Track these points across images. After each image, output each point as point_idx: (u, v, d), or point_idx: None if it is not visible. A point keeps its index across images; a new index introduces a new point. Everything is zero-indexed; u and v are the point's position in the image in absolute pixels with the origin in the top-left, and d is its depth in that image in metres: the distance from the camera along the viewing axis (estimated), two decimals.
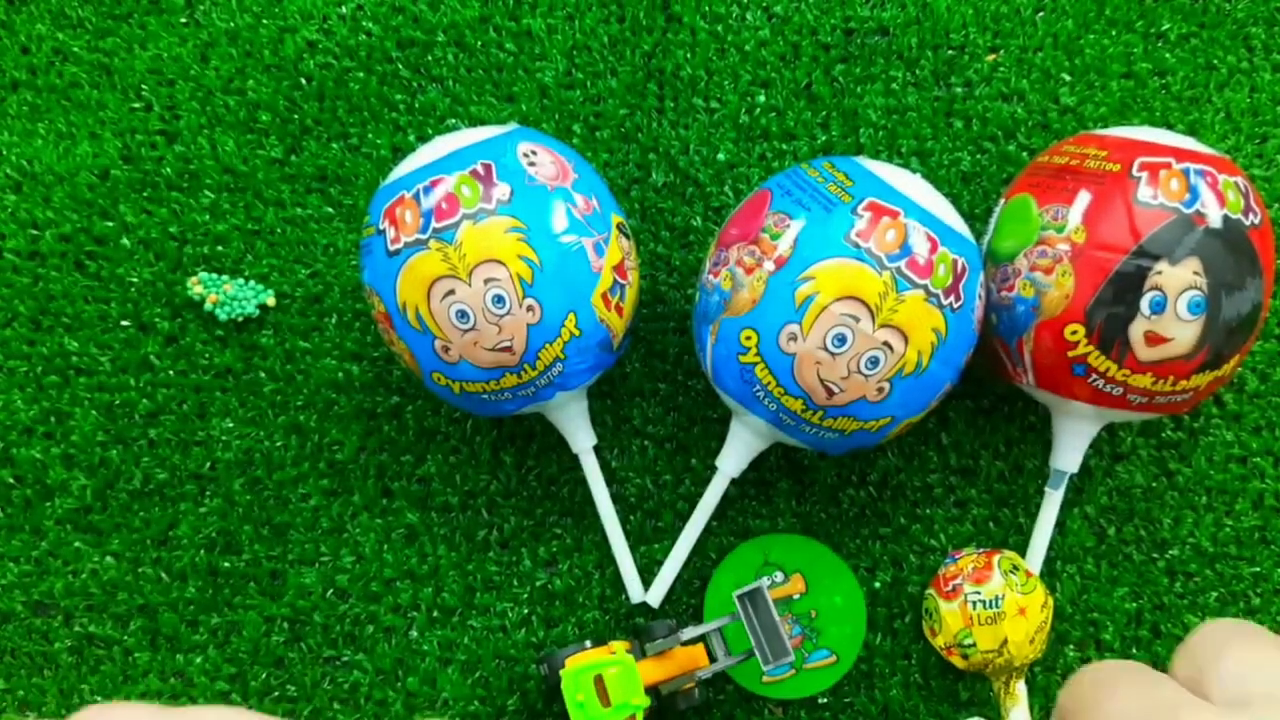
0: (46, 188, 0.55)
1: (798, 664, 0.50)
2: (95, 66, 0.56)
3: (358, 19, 0.56)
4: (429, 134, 0.55)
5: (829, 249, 0.41)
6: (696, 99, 0.56)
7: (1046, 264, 0.43)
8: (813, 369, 0.42)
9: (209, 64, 0.56)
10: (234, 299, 0.53)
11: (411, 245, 0.42)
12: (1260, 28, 0.56)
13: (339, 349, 0.54)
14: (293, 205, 0.55)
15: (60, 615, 0.52)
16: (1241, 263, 0.42)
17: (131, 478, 0.53)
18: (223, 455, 0.53)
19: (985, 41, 0.56)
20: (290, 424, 0.53)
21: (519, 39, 0.56)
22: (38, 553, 0.52)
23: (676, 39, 0.56)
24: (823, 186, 0.43)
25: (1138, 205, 0.42)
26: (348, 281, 0.54)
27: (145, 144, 0.55)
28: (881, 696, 0.51)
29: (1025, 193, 0.46)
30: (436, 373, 0.44)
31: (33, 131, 0.56)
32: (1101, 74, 0.56)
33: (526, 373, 0.44)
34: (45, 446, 0.53)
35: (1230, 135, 0.55)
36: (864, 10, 0.56)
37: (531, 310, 0.42)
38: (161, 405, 0.53)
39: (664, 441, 0.53)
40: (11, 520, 0.52)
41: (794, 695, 0.50)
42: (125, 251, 0.54)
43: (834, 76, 0.56)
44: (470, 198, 0.42)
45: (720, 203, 0.55)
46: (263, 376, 0.53)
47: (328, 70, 0.56)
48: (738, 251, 0.44)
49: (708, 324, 0.45)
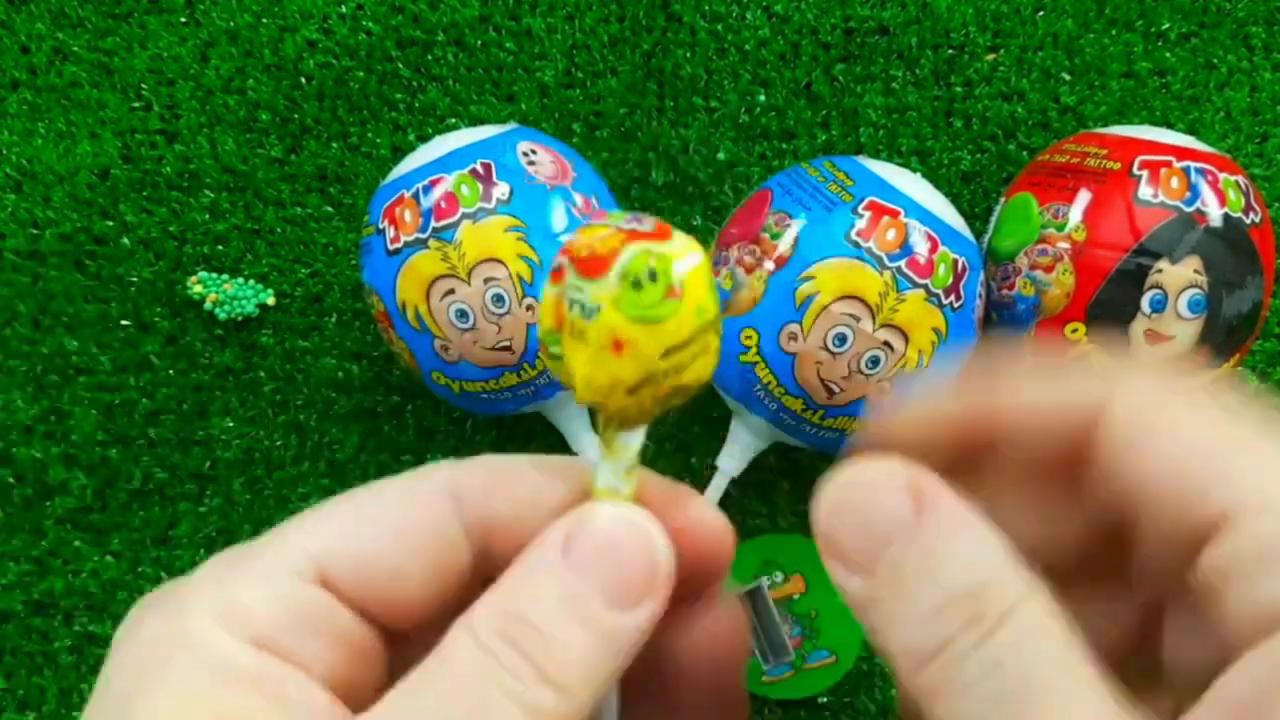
0: (46, 187, 0.55)
1: (798, 664, 0.50)
2: (95, 66, 0.56)
3: (358, 18, 0.56)
4: (429, 134, 0.55)
5: (829, 248, 0.41)
6: (696, 98, 0.56)
7: (1047, 262, 0.43)
8: (813, 368, 0.42)
9: (209, 63, 0.56)
10: (234, 298, 0.53)
11: (411, 244, 0.42)
12: (1260, 27, 0.56)
13: (339, 348, 0.54)
14: (292, 205, 0.55)
15: (60, 615, 0.52)
16: (1242, 261, 0.42)
17: (131, 477, 0.53)
18: (223, 454, 0.53)
19: (985, 41, 0.56)
20: (290, 423, 0.53)
21: (519, 38, 0.56)
22: (38, 552, 0.52)
23: (676, 38, 0.56)
24: (823, 186, 0.43)
25: (1138, 204, 0.42)
26: (348, 281, 0.54)
27: (145, 144, 0.55)
28: (881, 696, 0.51)
29: (1026, 191, 0.46)
30: (436, 372, 0.44)
31: (32, 131, 0.56)
32: (1101, 73, 0.56)
33: (526, 372, 0.44)
34: (45, 446, 0.53)
35: (1230, 134, 0.55)
36: (864, 10, 0.56)
37: (531, 309, 0.42)
38: (161, 404, 0.53)
39: (664, 441, 0.53)
40: (11, 520, 0.52)
41: (794, 695, 0.50)
42: (125, 251, 0.54)
43: (834, 76, 0.56)
44: (470, 197, 0.42)
45: (720, 202, 0.55)
46: (263, 376, 0.53)
47: (328, 70, 0.56)
48: (738, 251, 0.44)
49: None
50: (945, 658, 0.15)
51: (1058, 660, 0.15)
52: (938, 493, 0.16)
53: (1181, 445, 0.16)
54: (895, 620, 0.16)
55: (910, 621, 0.16)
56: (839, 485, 0.17)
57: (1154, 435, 0.16)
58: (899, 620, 0.16)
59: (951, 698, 0.15)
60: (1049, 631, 0.15)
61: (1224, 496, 0.15)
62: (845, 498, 0.17)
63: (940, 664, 0.15)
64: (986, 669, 0.15)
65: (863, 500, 0.17)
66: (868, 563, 0.16)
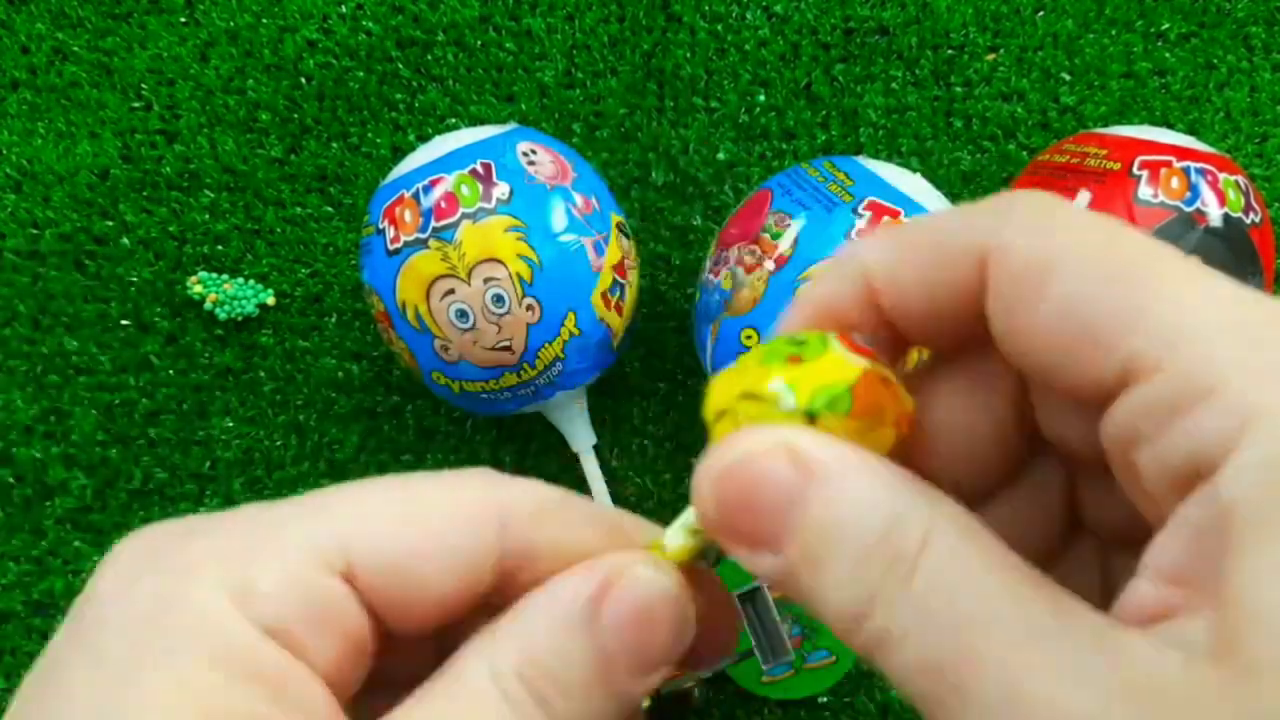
0: (46, 187, 0.55)
1: (797, 664, 0.50)
2: (95, 66, 0.56)
3: (358, 18, 0.56)
4: (429, 134, 0.55)
5: (830, 248, 0.41)
6: (696, 98, 0.56)
7: None
8: None
9: (209, 63, 0.56)
10: (234, 298, 0.53)
11: (411, 244, 0.42)
12: (1260, 27, 0.56)
13: (339, 348, 0.54)
14: (292, 205, 0.55)
15: (60, 615, 0.52)
16: (1242, 261, 0.42)
17: (131, 477, 0.53)
18: (223, 454, 0.53)
19: (985, 41, 0.56)
20: (290, 423, 0.53)
21: (519, 39, 0.56)
22: (38, 552, 0.52)
23: (676, 39, 0.56)
24: (823, 186, 0.43)
25: (1138, 204, 0.42)
26: (347, 281, 0.54)
27: (145, 143, 0.55)
28: (881, 696, 0.51)
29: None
30: (436, 372, 0.44)
31: (32, 131, 0.55)
32: (1101, 73, 0.56)
33: (526, 372, 0.44)
34: (45, 446, 0.53)
35: (1230, 134, 0.55)
36: (864, 10, 0.56)
37: (531, 309, 0.42)
38: (161, 404, 0.53)
39: (664, 441, 0.53)
40: (11, 520, 0.52)
41: (794, 695, 0.50)
42: (125, 251, 0.54)
43: (834, 76, 0.56)
44: (470, 197, 0.42)
45: (720, 202, 0.55)
46: (262, 376, 0.53)
47: (328, 70, 0.56)
48: (738, 251, 0.44)
49: (708, 323, 0.45)
50: (877, 611, 0.14)
51: (984, 582, 0.14)
52: (813, 444, 0.15)
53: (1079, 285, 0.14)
54: (819, 587, 0.15)
55: (834, 585, 0.15)
56: (715, 470, 0.16)
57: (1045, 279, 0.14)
58: (822, 586, 0.15)
59: (894, 649, 0.14)
60: (968, 552, 0.14)
61: (1129, 346, 0.13)
62: (727, 481, 0.16)
63: (874, 619, 0.14)
64: (917, 611, 0.14)
65: (744, 478, 0.16)
66: (772, 539, 0.15)
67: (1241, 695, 0.11)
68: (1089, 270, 0.14)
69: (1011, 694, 0.13)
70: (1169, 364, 0.13)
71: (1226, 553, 0.12)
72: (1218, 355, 0.13)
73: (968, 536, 0.14)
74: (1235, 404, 0.12)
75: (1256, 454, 0.12)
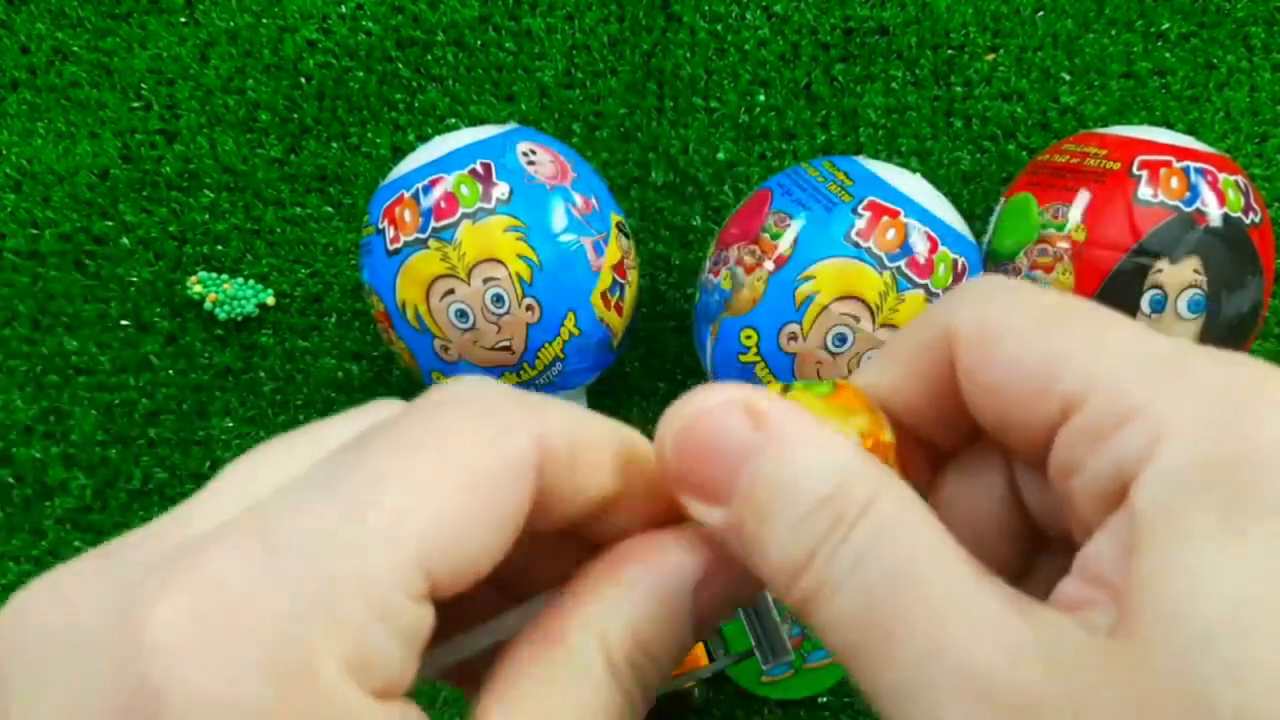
0: (46, 187, 0.55)
1: (797, 664, 0.50)
2: (95, 66, 0.56)
3: (358, 18, 0.56)
4: (429, 134, 0.55)
5: (829, 248, 0.41)
6: (696, 98, 0.56)
7: (1047, 262, 0.43)
8: (813, 369, 0.42)
9: (209, 63, 0.56)
10: (234, 298, 0.53)
11: (411, 244, 0.42)
12: (1260, 27, 0.56)
13: (339, 348, 0.54)
14: (292, 205, 0.55)
15: None
16: (1242, 261, 0.42)
17: (131, 477, 0.53)
18: (223, 454, 0.53)
19: (985, 41, 0.56)
20: (290, 423, 0.53)
21: (519, 39, 0.56)
22: (38, 552, 0.52)
23: (676, 39, 0.56)
24: (823, 186, 0.43)
25: (1138, 204, 0.42)
26: (347, 281, 0.54)
27: (145, 143, 0.55)
28: None
29: (1026, 191, 0.46)
30: (436, 372, 0.44)
31: (32, 131, 0.55)
32: (1101, 73, 0.56)
33: (526, 372, 0.44)
34: (45, 446, 0.53)
35: (1230, 134, 0.55)
36: (864, 10, 0.56)
37: (531, 309, 0.42)
38: (161, 404, 0.53)
39: None
40: (11, 520, 0.52)
41: (794, 695, 0.50)
42: (125, 251, 0.54)
43: (834, 76, 0.56)
44: (469, 197, 0.42)
45: (720, 202, 0.55)
46: (262, 376, 0.53)
47: (327, 70, 0.56)
48: (738, 251, 0.44)
49: (708, 323, 0.45)
50: (813, 565, 0.15)
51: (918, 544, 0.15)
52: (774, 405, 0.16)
53: (1019, 345, 0.16)
54: (761, 540, 0.15)
55: (776, 539, 0.15)
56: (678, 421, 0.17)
57: (994, 344, 0.16)
58: (765, 539, 0.15)
59: (823, 603, 0.15)
60: (907, 520, 0.15)
61: (1062, 389, 0.15)
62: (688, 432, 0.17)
63: (810, 573, 0.15)
64: (850, 565, 0.15)
65: (705, 430, 0.16)
66: (725, 491, 0.16)
67: (1133, 660, 0.13)
68: (1025, 332, 0.16)
69: (937, 646, 0.14)
70: (1092, 396, 0.15)
71: (1132, 554, 0.14)
72: (1133, 384, 0.15)
73: (908, 507, 0.15)
74: (1150, 424, 0.14)
75: (1164, 465, 0.14)
